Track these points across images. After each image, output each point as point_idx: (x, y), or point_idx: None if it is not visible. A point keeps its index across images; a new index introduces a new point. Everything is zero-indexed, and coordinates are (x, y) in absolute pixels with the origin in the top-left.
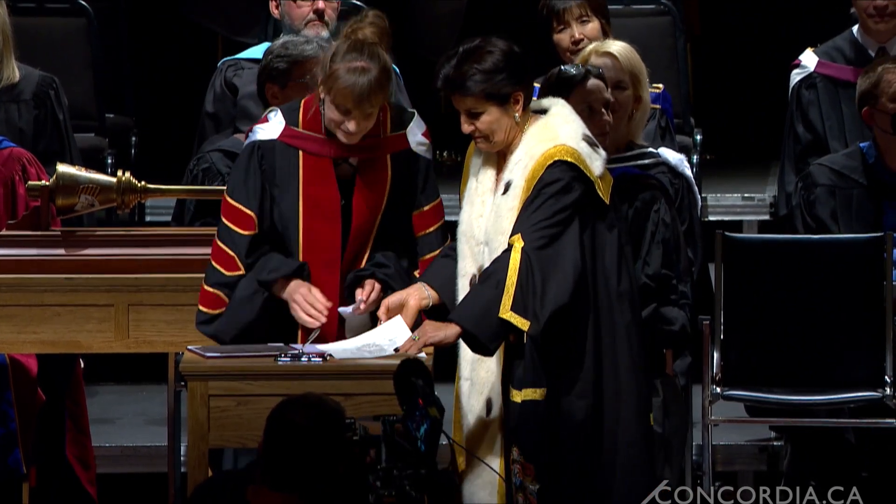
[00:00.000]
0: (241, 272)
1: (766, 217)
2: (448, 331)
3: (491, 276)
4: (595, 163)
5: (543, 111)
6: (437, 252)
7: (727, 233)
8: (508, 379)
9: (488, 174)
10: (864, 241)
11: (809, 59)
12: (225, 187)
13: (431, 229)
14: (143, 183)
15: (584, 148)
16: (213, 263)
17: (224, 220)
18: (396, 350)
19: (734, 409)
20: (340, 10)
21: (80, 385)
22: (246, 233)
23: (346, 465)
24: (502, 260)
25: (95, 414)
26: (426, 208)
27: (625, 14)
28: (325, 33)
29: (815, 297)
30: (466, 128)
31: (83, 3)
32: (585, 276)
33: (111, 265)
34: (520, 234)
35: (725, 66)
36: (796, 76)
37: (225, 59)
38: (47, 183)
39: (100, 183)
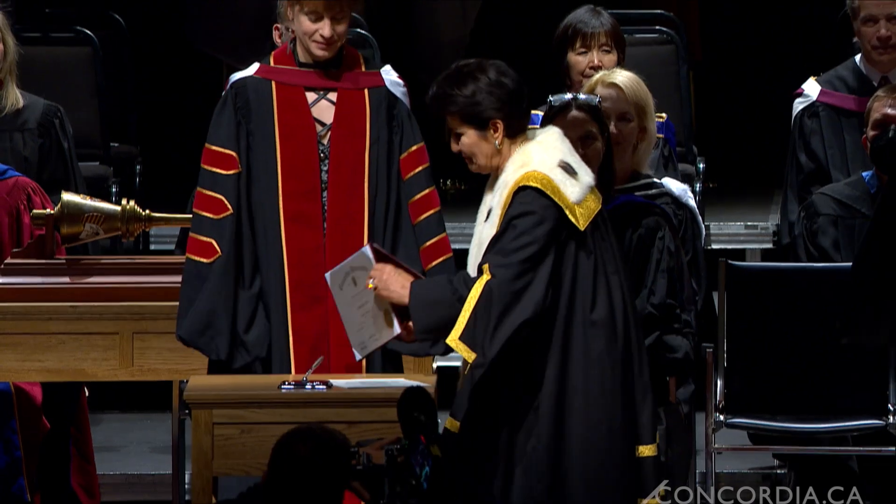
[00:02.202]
0: (230, 212)
1: (769, 245)
2: (401, 293)
3: (458, 288)
4: (570, 189)
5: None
6: (424, 193)
7: (730, 261)
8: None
9: (486, 202)
10: None
11: (812, 88)
12: None
13: (419, 169)
14: (147, 211)
15: (557, 174)
16: (200, 212)
17: (205, 167)
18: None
19: (737, 436)
20: (347, 39)
21: (84, 413)
22: (229, 172)
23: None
24: (470, 283)
25: (100, 442)
26: (414, 148)
27: (627, 43)
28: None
29: (818, 326)
30: (453, 146)
31: (88, 32)
32: (551, 310)
33: (116, 293)
34: (488, 265)
35: (728, 94)
36: (799, 105)
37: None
38: (52, 211)
39: (104, 211)
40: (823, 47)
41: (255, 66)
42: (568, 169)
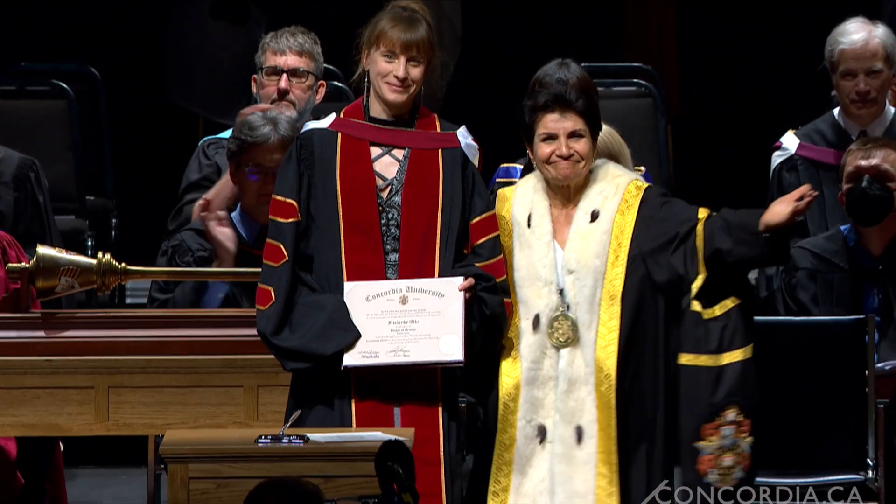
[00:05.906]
0: (287, 259)
1: None
2: None
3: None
4: None
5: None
6: (491, 262)
7: None
8: (679, 347)
9: (545, 219)
10: (846, 324)
11: (790, 142)
12: (200, 269)
13: (490, 237)
14: (123, 265)
15: None
16: (265, 261)
17: (270, 217)
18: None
19: None
20: (326, 93)
21: (59, 468)
22: (288, 220)
23: None
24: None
25: (75, 497)
26: (486, 215)
27: (605, 96)
28: (290, 113)
29: (797, 380)
30: (565, 148)
31: (64, 85)
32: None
33: (91, 347)
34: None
35: (706, 147)
36: (777, 158)
37: (206, 137)
38: (27, 265)
39: (80, 265)
40: (802, 100)
41: (330, 118)
42: None
